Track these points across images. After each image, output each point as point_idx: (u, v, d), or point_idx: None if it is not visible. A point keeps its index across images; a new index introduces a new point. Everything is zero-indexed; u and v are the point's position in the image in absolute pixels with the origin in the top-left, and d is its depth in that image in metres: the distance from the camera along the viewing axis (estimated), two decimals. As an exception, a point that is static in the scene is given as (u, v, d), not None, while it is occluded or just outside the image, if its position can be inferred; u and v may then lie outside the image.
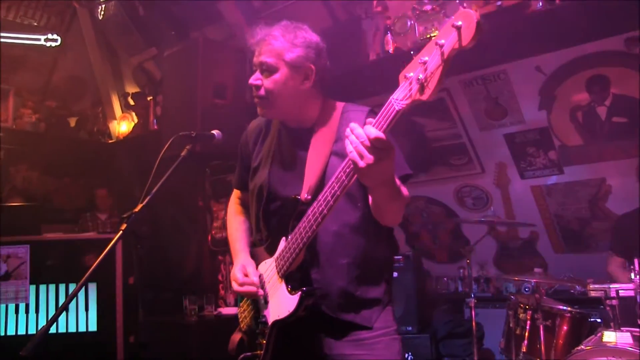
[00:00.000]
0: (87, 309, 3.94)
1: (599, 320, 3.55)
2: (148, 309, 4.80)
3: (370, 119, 1.55)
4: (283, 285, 1.90)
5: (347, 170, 1.64)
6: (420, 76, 1.43)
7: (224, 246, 4.76)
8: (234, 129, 4.44)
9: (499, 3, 3.55)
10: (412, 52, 1.59)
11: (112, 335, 3.94)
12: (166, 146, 2.15)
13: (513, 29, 3.73)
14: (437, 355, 4.75)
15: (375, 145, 1.51)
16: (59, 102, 6.23)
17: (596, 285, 3.20)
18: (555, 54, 4.11)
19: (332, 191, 1.69)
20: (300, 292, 1.84)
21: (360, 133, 1.53)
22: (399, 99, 1.49)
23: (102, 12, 5.31)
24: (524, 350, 3.56)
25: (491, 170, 4.91)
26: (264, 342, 1.95)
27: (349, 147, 1.56)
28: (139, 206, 2.03)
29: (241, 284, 2.01)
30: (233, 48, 4.85)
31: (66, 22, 5.69)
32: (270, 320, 1.93)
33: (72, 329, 3.87)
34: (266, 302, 1.98)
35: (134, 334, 4.10)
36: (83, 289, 3.98)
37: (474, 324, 4.01)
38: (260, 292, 1.98)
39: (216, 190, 4.98)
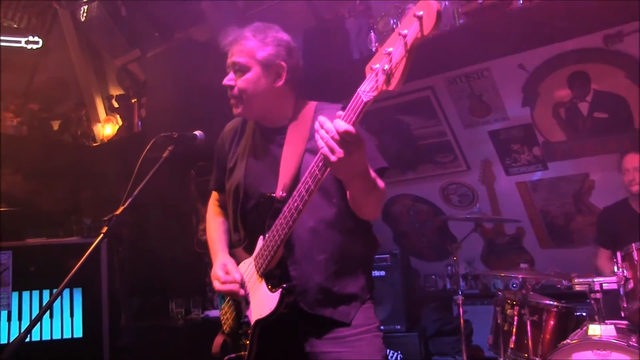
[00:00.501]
0: (72, 315, 3.90)
1: (584, 314, 3.58)
2: (134, 313, 4.76)
3: (339, 112, 1.56)
4: (263, 283, 1.91)
5: (320, 164, 1.65)
6: (386, 67, 1.45)
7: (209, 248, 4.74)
8: (219, 129, 4.47)
9: (480, 1, 3.56)
10: (377, 44, 1.56)
11: (98, 340, 3.90)
12: (147, 148, 2.17)
13: (495, 27, 3.77)
14: (426, 354, 4.76)
15: (345, 139, 1.53)
16: (41, 105, 6.16)
17: (580, 280, 3.23)
18: (536, 51, 4.15)
19: (307, 186, 1.70)
20: (280, 290, 1.84)
21: (329, 127, 1.54)
22: (366, 91, 1.50)
23: (84, 14, 5.26)
24: (512, 346, 3.58)
25: (477, 167, 4.94)
26: (247, 342, 1.95)
27: (320, 142, 1.57)
28: (120, 209, 2.03)
29: (223, 282, 2.00)
30: (217, 49, 4.83)
31: (47, 24, 5.62)
32: (253, 320, 1.93)
33: (57, 335, 3.82)
34: (247, 302, 1.98)
35: (118, 339, 4.07)
36: (68, 294, 3.95)
37: (462, 321, 4.02)
38: (242, 291, 1.98)
39: (202, 191, 4.95)
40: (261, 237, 1.94)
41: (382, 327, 2.05)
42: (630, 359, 2.83)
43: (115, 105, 5.82)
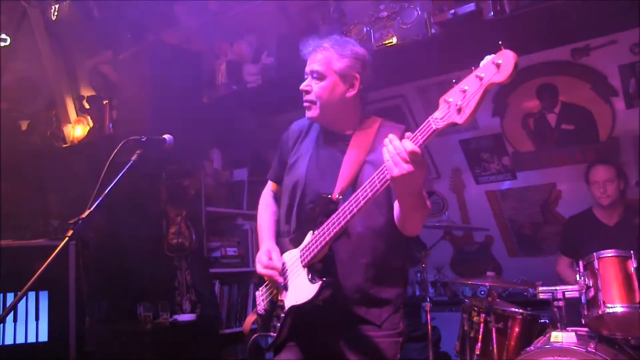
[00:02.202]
0: (37, 319, 3.83)
1: (548, 321, 3.65)
2: (102, 317, 4.69)
3: (408, 133, 1.75)
4: (304, 274, 2.07)
5: (381, 176, 1.82)
6: (459, 102, 1.66)
7: (180, 252, 4.69)
8: (192, 133, 4.45)
9: (452, 12, 3.60)
10: (453, 81, 1.75)
11: (64, 345, 3.84)
12: (115, 151, 2.25)
13: (467, 37, 3.80)
14: (394, 359, 4.79)
15: (410, 158, 1.70)
16: (9, 105, 6.05)
17: (544, 288, 3.30)
18: (507, 62, 4.20)
19: (364, 193, 1.87)
20: (321, 282, 2.00)
21: (397, 145, 1.72)
22: (437, 119, 1.70)
23: (55, 13, 5.20)
24: (478, 352, 3.63)
25: (447, 175, 5.00)
26: (279, 324, 2.13)
27: (386, 156, 1.75)
28: (86, 212, 2.05)
29: (265, 267, 2.18)
30: (189, 51, 4.82)
31: (16, 22, 5.51)
32: (287, 305, 2.11)
33: (21, 339, 3.75)
34: (285, 288, 2.15)
35: (84, 343, 4.01)
36: (34, 297, 3.88)
37: (429, 327, 4.05)
38: (281, 279, 2.14)
39: (172, 195, 4.91)
40: (311, 232, 2.09)
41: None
42: (588, 364, 2.90)
43: (87, 106, 5.74)
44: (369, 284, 2.11)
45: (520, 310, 3.65)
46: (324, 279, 2.00)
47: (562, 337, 3.11)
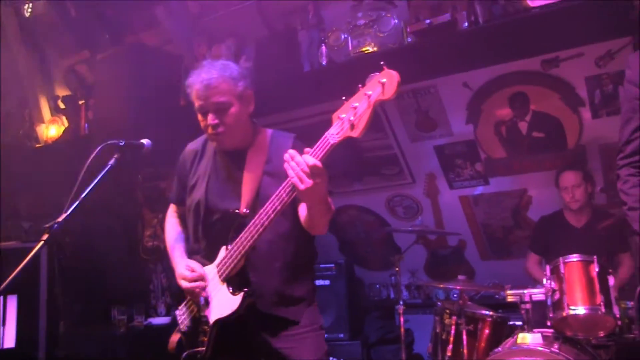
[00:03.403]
0: (4, 324, 3.75)
1: (518, 323, 3.76)
2: (75, 320, 4.67)
3: (308, 149, 1.88)
4: (224, 287, 2.16)
5: (288, 190, 1.95)
6: (352, 118, 1.81)
7: (155, 255, 4.70)
8: (168, 135, 4.46)
9: (428, 21, 3.70)
10: (343, 98, 1.90)
11: (33, 350, 3.76)
12: (92, 155, 2.26)
13: (441, 47, 3.90)
14: (368, 361, 4.87)
15: (313, 172, 1.84)
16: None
17: (512, 291, 3.41)
18: (480, 71, 4.31)
19: (273, 207, 2.00)
20: (243, 293, 2.11)
21: (300, 160, 1.85)
22: (333, 134, 1.85)
23: (29, 10, 5.16)
24: (449, 354, 3.74)
25: (421, 180, 5.07)
26: (205, 339, 2.20)
27: (290, 173, 1.87)
28: (63, 215, 2.07)
29: (191, 280, 2.23)
30: (169, 54, 4.84)
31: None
32: (212, 319, 2.18)
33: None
34: (207, 303, 2.22)
35: (55, 348, 3.96)
36: (1, 302, 3.80)
37: (402, 330, 4.13)
38: (203, 293, 2.22)
39: (148, 197, 4.92)
40: (224, 247, 2.19)
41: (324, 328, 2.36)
42: (552, 363, 3.02)
43: (61, 106, 5.71)
44: (285, 285, 2.24)
45: (491, 313, 3.76)
46: (245, 289, 2.12)
47: (528, 338, 3.24)
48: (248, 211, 2.17)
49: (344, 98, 1.90)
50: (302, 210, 2.17)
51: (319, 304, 2.37)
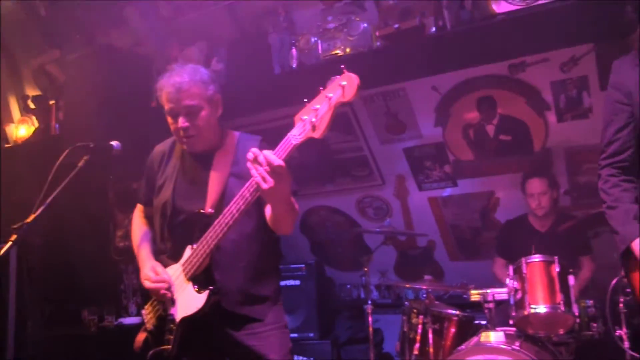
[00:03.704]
0: (-32, 328, 3.69)
1: (484, 322, 3.84)
2: (45, 322, 4.63)
3: (270, 152, 1.91)
4: (190, 286, 2.22)
5: (251, 189, 2.00)
6: (313, 119, 1.86)
7: (126, 255, 4.69)
8: (140, 136, 4.46)
9: (396, 26, 3.76)
10: (305, 100, 1.95)
11: (1, 353, 3.72)
12: (62, 157, 2.35)
13: (410, 51, 3.96)
14: (338, 360, 4.93)
15: (275, 171, 1.88)
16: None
17: (476, 291, 3.49)
18: (449, 75, 4.39)
19: (237, 206, 2.04)
20: (208, 291, 2.16)
21: (262, 160, 1.89)
22: (295, 135, 1.91)
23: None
24: (416, 353, 3.81)
25: (391, 182, 5.15)
26: (171, 337, 2.25)
27: (254, 172, 1.90)
28: (31, 217, 2.09)
29: (154, 281, 2.28)
30: (139, 55, 4.83)
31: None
32: (178, 318, 2.23)
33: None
34: (173, 302, 2.27)
35: (23, 349, 3.93)
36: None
37: (370, 329, 4.18)
38: (168, 293, 2.26)
39: (120, 198, 4.91)
40: (189, 246, 2.23)
41: (289, 328, 2.43)
42: (513, 360, 3.10)
43: (31, 106, 5.64)
44: (249, 284, 2.30)
45: (457, 312, 3.83)
46: (210, 287, 2.17)
47: (491, 336, 3.32)
48: (213, 211, 2.22)
49: (305, 100, 1.94)
50: (268, 210, 2.22)
51: (289, 304, 2.50)
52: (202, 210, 2.24)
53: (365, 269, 4.28)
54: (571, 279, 3.41)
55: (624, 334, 3.36)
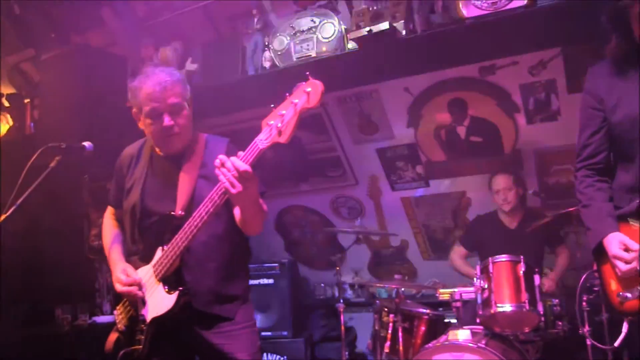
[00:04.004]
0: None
1: (454, 320, 3.92)
2: (18, 321, 4.62)
3: (240, 153, 1.96)
4: (160, 287, 2.24)
5: (220, 193, 2.04)
6: (279, 124, 1.91)
7: (100, 254, 4.69)
8: (115, 136, 4.47)
9: (367, 29, 3.81)
10: (272, 106, 2.00)
11: None
12: (34, 157, 2.35)
13: (382, 53, 4.01)
14: (312, 358, 4.98)
15: (243, 176, 1.92)
16: None
17: (444, 290, 3.56)
18: (420, 77, 4.47)
19: (207, 209, 2.07)
20: (178, 292, 2.20)
21: (230, 166, 1.93)
22: (262, 140, 1.94)
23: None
24: (387, 350, 3.86)
25: (364, 182, 5.21)
26: (142, 337, 2.27)
27: (222, 178, 1.94)
28: (2, 217, 2.11)
29: (125, 284, 2.30)
30: (114, 55, 4.83)
31: None
32: (149, 318, 2.25)
33: None
34: (144, 303, 2.29)
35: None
36: None
37: (342, 328, 4.24)
38: (140, 294, 2.28)
39: (95, 197, 4.91)
40: (160, 248, 2.26)
41: (263, 327, 2.44)
42: (479, 358, 3.17)
43: (6, 104, 5.62)
44: (220, 284, 2.33)
45: (427, 311, 3.89)
46: (180, 288, 2.20)
47: (458, 334, 3.37)
48: (183, 213, 2.25)
49: (272, 105, 1.98)
50: (237, 212, 2.26)
51: (262, 303, 2.54)
52: (172, 212, 2.27)
53: (337, 268, 4.33)
54: (536, 279, 3.49)
55: (586, 332, 3.48)
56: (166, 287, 2.22)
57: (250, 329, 2.39)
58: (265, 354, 4.72)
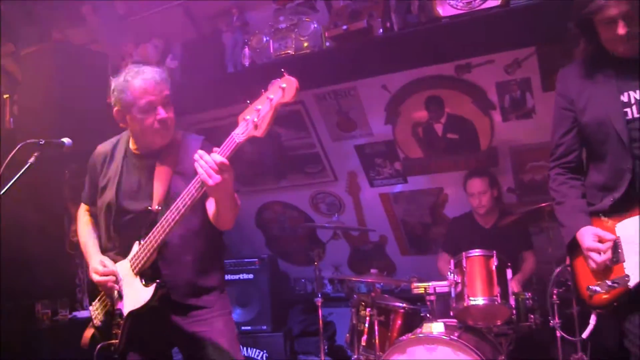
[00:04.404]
0: None
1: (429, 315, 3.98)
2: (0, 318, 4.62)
3: (216, 148, 2.03)
4: (137, 280, 2.28)
5: (197, 185, 2.09)
6: (255, 119, 1.98)
7: (81, 249, 4.71)
8: (95, 132, 4.47)
9: (344, 27, 3.86)
10: (248, 102, 2.07)
11: None
12: (12, 154, 2.38)
13: (360, 51, 4.06)
14: (292, 353, 5.04)
15: (220, 168, 1.99)
16: None
17: (418, 284, 3.63)
18: (398, 75, 4.51)
19: (184, 202, 2.13)
20: (155, 284, 2.23)
21: (208, 159, 2.00)
22: (239, 134, 2.01)
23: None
24: (364, 344, 3.94)
25: (343, 178, 5.26)
26: (119, 331, 2.32)
27: (200, 170, 2.01)
28: None
29: (102, 274, 2.35)
30: (95, 52, 4.85)
31: None
32: (126, 311, 2.29)
33: None
34: (120, 296, 2.33)
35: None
36: None
37: (320, 322, 4.30)
38: (116, 286, 2.33)
39: (75, 193, 4.90)
40: (137, 242, 2.30)
41: (242, 321, 2.51)
42: (452, 350, 3.25)
43: (-15, 99, 5.60)
44: (196, 276, 2.39)
45: (403, 305, 3.95)
46: (157, 280, 2.24)
47: (432, 327, 3.44)
48: (160, 208, 2.30)
49: (248, 101, 2.04)
50: (210, 206, 2.31)
51: (242, 297, 2.58)
52: (149, 208, 2.32)
53: (316, 263, 4.38)
54: (509, 273, 3.57)
55: (556, 324, 3.58)
56: (143, 280, 2.26)
57: (227, 317, 2.45)
58: (244, 348, 4.77)
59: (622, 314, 2.23)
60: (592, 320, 2.39)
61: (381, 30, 3.91)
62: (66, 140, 2.54)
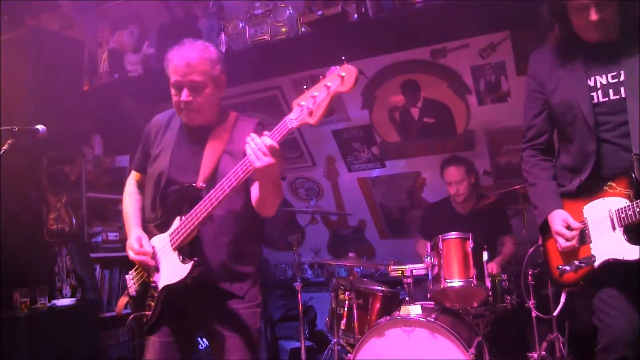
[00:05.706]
0: None
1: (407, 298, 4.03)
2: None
3: (267, 132, 2.03)
4: (175, 256, 2.27)
5: (244, 167, 2.06)
6: (311, 106, 1.95)
7: (60, 237, 4.69)
8: (71, 120, 4.45)
9: (319, 13, 3.87)
10: (304, 87, 2.03)
11: None
12: None
13: (334, 37, 4.07)
14: (272, 338, 5.07)
15: (270, 151, 1.99)
16: None
17: (395, 267, 3.67)
18: (374, 60, 4.53)
19: (229, 182, 2.10)
20: (192, 262, 2.22)
21: (259, 141, 2.00)
22: (292, 119, 2.01)
23: None
24: (343, 328, 3.96)
25: (321, 163, 5.30)
26: (153, 303, 2.33)
27: (249, 151, 2.00)
28: None
29: (137, 253, 2.34)
30: (70, 39, 4.79)
31: None
32: (161, 285, 2.31)
33: None
34: (157, 270, 2.34)
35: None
36: None
37: (300, 307, 4.33)
38: (152, 262, 2.33)
39: (52, 181, 4.88)
40: (179, 217, 2.28)
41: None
42: (429, 332, 3.30)
43: (-42, 88, 5.52)
44: (231, 260, 2.34)
45: (382, 288, 3.98)
46: (195, 258, 2.23)
47: (410, 310, 3.47)
48: (204, 185, 2.29)
49: (304, 87, 2.03)
50: (255, 190, 2.28)
51: None
52: (194, 184, 2.31)
53: (295, 248, 4.40)
54: (485, 255, 3.62)
55: (531, 304, 3.66)
56: (181, 257, 2.26)
57: (254, 310, 2.42)
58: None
59: (590, 292, 2.30)
60: (563, 298, 2.48)
61: (356, 15, 3.91)
62: (40, 127, 2.52)
